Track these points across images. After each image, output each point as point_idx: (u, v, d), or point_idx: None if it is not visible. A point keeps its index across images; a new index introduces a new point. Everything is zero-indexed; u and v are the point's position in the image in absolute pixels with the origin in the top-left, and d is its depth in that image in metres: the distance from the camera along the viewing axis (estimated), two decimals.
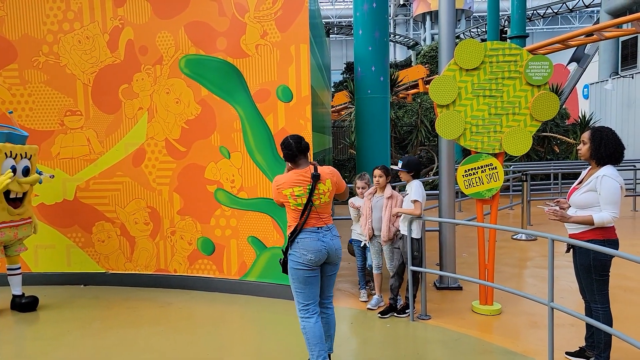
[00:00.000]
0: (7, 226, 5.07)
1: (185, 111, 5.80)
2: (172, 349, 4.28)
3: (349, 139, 15.23)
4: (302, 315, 3.44)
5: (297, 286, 3.42)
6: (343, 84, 22.10)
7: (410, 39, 39.74)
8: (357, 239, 5.46)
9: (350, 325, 4.79)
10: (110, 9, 5.82)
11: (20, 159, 5.19)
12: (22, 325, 4.98)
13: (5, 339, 4.70)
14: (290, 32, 5.30)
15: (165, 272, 6.06)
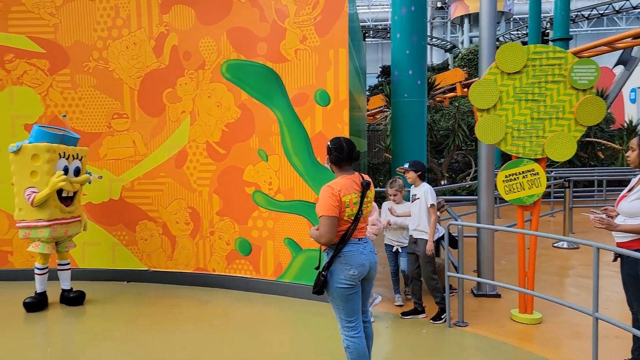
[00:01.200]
0: (58, 223, 5.33)
1: (225, 115, 5.94)
2: (211, 347, 4.38)
3: (384, 143, 15.17)
4: (347, 333, 3.19)
5: (339, 304, 3.15)
6: (378, 87, 22.04)
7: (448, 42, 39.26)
8: (390, 244, 5.46)
9: (385, 329, 4.78)
10: (157, 16, 6.03)
11: (72, 159, 5.45)
12: (69, 319, 5.20)
13: (54, 332, 4.93)
14: (329, 36, 5.36)
15: (204, 271, 6.21)
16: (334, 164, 3.26)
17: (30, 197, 5.09)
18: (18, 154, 5.15)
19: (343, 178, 3.18)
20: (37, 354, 4.29)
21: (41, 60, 6.25)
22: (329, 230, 3.03)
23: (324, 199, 3.06)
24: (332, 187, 3.09)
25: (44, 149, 5.15)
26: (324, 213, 3.03)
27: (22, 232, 5.29)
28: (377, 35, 40.27)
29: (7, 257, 6.49)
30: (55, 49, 6.23)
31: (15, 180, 5.24)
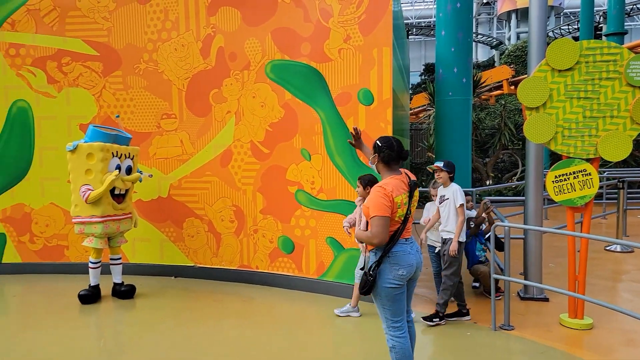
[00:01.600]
0: (111, 219, 5.57)
1: (269, 114, 6.03)
2: (255, 343, 4.47)
3: (427, 142, 14.97)
4: (393, 333, 3.18)
5: (386, 303, 3.15)
6: (421, 85, 21.75)
7: (494, 39, 38.27)
8: (432, 245, 5.36)
9: (428, 331, 4.73)
10: (204, 18, 6.19)
11: (124, 158, 5.69)
12: (120, 311, 5.42)
13: (106, 323, 5.16)
14: (373, 35, 5.34)
15: (248, 268, 6.33)
16: (385, 163, 3.21)
17: (85, 194, 5.34)
18: (74, 153, 5.41)
19: (393, 179, 3.15)
20: (91, 344, 4.50)
21: (95, 63, 6.54)
22: (382, 231, 3.01)
23: (376, 199, 3.04)
24: (384, 188, 3.07)
25: (98, 148, 5.39)
26: (377, 213, 3.01)
27: (77, 228, 5.55)
28: (420, 32, 39.73)
29: (63, 251, 6.83)
30: (109, 52, 6.50)
31: (72, 177, 5.51)
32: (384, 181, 3.16)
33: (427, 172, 14.00)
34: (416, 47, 42.75)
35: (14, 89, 6.64)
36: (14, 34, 6.57)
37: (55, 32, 6.54)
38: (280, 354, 4.23)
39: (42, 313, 5.28)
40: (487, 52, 40.69)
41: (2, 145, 6.70)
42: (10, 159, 6.72)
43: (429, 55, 40.28)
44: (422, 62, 30.46)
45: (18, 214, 6.80)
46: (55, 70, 6.59)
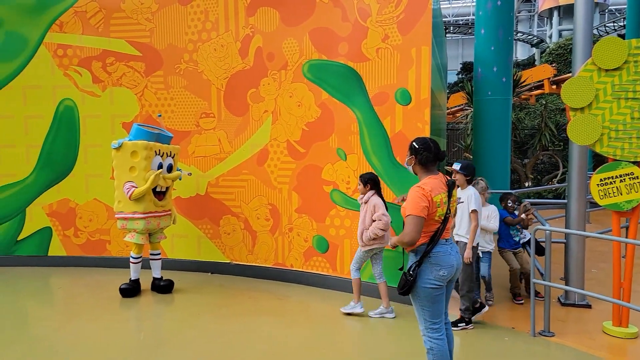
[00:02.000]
0: (152, 216, 5.73)
1: (306, 114, 6.06)
2: (290, 341, 4.50)
3: (464, 142, 14.70)
4: (431, 335, 3.16)
5: (425, 304, 3.12)
6: (459, 84, 21.37)
7: (534, 37, 37.22)
8: None
9: (465, 335, 4.66)
10: (243, 19, 6.27)
11: (165, 157, 5.84)
12: (159, 305, 5.56)
13: (146, 317, 5.30)
14: (412, 34, 5.29)
15: (283, 267, 6.38)
16: (422, 164, 3.20)
17: (129, 190, 5.50)
18: (119, 150, 5.58)
19: (431, 178, 3.13)
20: (132, 336, 4.64)
21: (138, 63, 6.72)
22: (414, 230, 2.99)
23: (414, 199, 3.03)
24: (423, 188, 3.05)
25: (142, 147, 5.55)
26: (412, 213, 3.00)
27: (119, 223, 5.73)
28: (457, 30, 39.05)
29: (106, 246, 7.06)
30: (151, 52, 6.67)
31: (116, 174, 5.68)
32: (423, 181, 3.14)
33: None
34: (453, 45, 42.05)
35: (61, 88, 6.91)
36: (62, 35, 6.83)
37: (100, 33, 6.76)
38: (314, 352, 4.25)
39: (86, 305, 5.47)
40: (527, 51, 39.62)
41: (49, 142, 6.98)
42: (57, 156, 7.00)
43: (466, 54, 39.54)
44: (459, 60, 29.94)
45: (63, 209, 7.07)
46: (100, 70, 6.82)
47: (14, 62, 6.89)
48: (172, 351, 4.27)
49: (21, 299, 5.81)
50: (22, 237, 7.12)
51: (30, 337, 4.60)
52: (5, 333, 4.64)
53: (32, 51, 6.86)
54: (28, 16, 6.80)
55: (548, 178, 14.03)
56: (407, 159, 3.29)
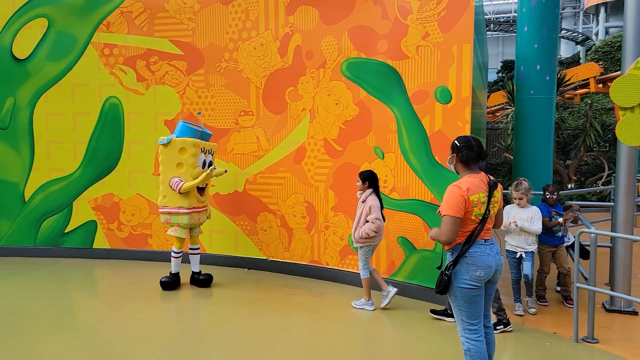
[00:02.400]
0: (195, 211, 5.88)
1: (344, 112, 6.06)
2: (325, 338, 4.52)
3: (504, 142, 14.36)
4: (468, 336, 3.12)
5: (462, 305, 3.09)
6: (499, 83, 20.89)
7: (579, 34, 35.96)
8: (513, 250, 5.18)
9: (504, 338, 4.56)
10: (283, 17, 6.33)
11: (207, 154, 5.98)
12: (198, 299, 5.68)
13: (185, 310, 5.42)
14: (453, 32, 5.21)
15: (318, 264, 6.41)
16: (463, 162, 3.18)
17: (178, 185, 5.64)
18: (167, 147, 5.72)
19: (470, 177, 3.12)
20: (171, 328, 4.76)
21: (180, 62, 6.88)
22: (450, 229, 2.99)
23: (450, 198, 3.02)
24: (459, 187, 3.03)
25: (191, 144, 5.70)
26: (447, 212, 3.00)
27: (163, 217, 5.88)
28: (498, 28, 38.15)
29: (147, 240, 7.27)
30: (192, 51, 6.82)
31: (162, 169, 5.83)
32: (460, 180, 3.13)
33: (503, 174, 13.47)
34: (493, 43, 41.12)
35: (107, 86, 7.15)
36: (109, 34, 7.07)
37: (144, 33, 6.96)
38: (348, 349, 4.26)
39: (128, 297, 5.65)
40: (571, 48, 38.32)
41: (95, 138, 7.24)
42: (102, 152, 7.25)
43: (507, 52, 38.59)
44: (500, 59, 29.24)
45: (108, 203, 7.32)
46: (144, 68, 7.02)
47: (63, 61, 7.17)
48: (211, 344, 4.36)
49: (68, 289, 6.06)
50: (69, 229, 7.42)
51: (78, 325, 4.79)
52: (55, 321, 4.85)
53: (80, 50, 7.13)
54: (77, 17, 7.07)
55: (592, 180, 13.55)
56: (449, 157, 3.27)
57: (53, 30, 7.15)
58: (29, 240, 7.47)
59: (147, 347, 4.25)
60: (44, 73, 7.21)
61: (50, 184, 7.39)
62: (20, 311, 5.11)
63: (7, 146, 7.38)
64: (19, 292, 5.79)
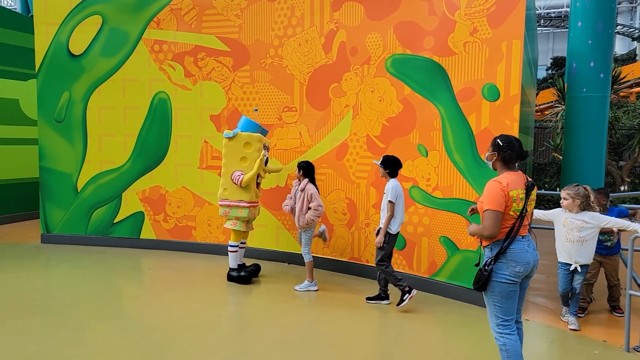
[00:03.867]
0: (253, 206, 6.03)
1: (387, 109, 6.01)
2: (363, 335, 4.52)
3: (553, 142, 13.87)
4: (502, 331, 3.17)
5: (498, 300, 3.14)
6: (548, 80, 20.18)
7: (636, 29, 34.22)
8: (566, 262, 4.83)
9: (549, 344, 4.42)
10: (328, 14, 6.33)
11: (266, 150, 6.10)
12: (239, 292, 5.76)
13: (226, 301, 5.52)
14: (503, 27, 5.07)
15: (358, 261, 6.40)
16: (504, 162, 3.24)
17: (239, 178, 5.76)
18: (232, 140, 5.83)
19: (509, 174, 3.17)
20: (213, 320, 4.86)
21: (226, 58, 7.01)
22: (494, 224, 3.05)
23: (491, 192, 3.08)
24: (499, 182, 3.10)
25: (256, 139, 5.81)
26: (490, 207, 3.05)
27: (222, 210, 5.99)
28: (549, 24, 36.82)
29: (191, 232, 7.46)
30: (239, 48, 6.93)
31: (225, 162, 5.94)
32: (500, 176, 3.18)
33: (551, 173, 13.02)
34: (543, 39, 39.72)
35: (157, 82, 7.36)
36: (159, 31, 7.27)
37: (193, 30, 7.12)
38: (389, 347, 4.23)
39: (171, 286, 5.82)
40: (626, 45, 36.53)
41: (144, 132, 7.48)
42: (151, 145, 7.48)
43: (557, 48, 37.19)
44: (550, 55, 28.25)
45: (155, 195, 7.55)
46: (191, 64, 7.19)
47: (116, 57, 7.44)
48: (250, 336, 4.43)
49: (116, 277, 6.29)
50: (118, 219, 7.71)
51: (124, 313, 4.98)
52: (102, 308, 5.06)
53: (132, 47, 7.38)
54: (129, 14, 7.31)
55: None
56: (488, 154, 3.32)
57: (107, 27, 7.43)
58: (81, 229, 7.81)
59: (189, 337, 4.37)
60: (98, 68, 7.51)
61: (101, 176, 7.69)
62: (71, 297, 5.35)
63: (62, 139, 7.73)
64: (70, 279, 6.08)
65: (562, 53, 23.63)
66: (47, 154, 7.81)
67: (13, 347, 4.04)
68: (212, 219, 7.29)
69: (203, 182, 7.29)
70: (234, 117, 6.95)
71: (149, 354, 3.99)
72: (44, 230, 7.95)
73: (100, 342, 4.20)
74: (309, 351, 4.11)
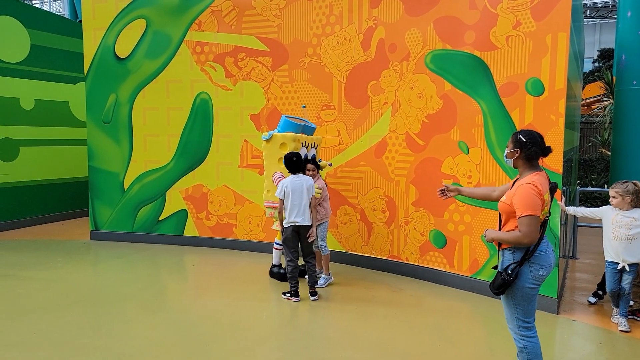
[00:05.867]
0: None
1: (427, 106, 5.94)
2: (404, 333, 4.49)
3: (601, 137, 13.36)
4: (524, 334, 3.10)
5: (520, 303, 3.07)
6: (594, 73, 19.41)
7: None
8: (614, 261, 4.70)
9: (598, 346, 4.28)
10: (366, 11, 6.32)
11: (310, 148, 6.04)
12: (280, 289, 5.81)
13: (266, 298, 5.59)
14: (548, 20, 4.92)
15: (397, 259, 6.36)
16: (528, 160, 3.08)
17: (279, 179, 5.78)
18: (269, 142, 5.86)
19: (538, 175, 3.03)
20: (254, 316, 4.95)
21: (266, 58, 7.10)
22: (534, 230, 2.92)
23: (529, 197, 2.92)
24: (536, 186, 2.94)
25: (290, 139, 5.79)
26: (529, 212, 2.90)
27: (268, 211, 6.03)
28: (595, 14, 35.41)
29: (232, 229, 7.61)
30: (278, 47, 7.01)
31: (266, 165, 5.98)
32: (533, 177, 2.99)
33: (598, 170, 12.54)
34: (590, 31, 38.22)
35: (198, 83, 7.54)
36: (200, 33, 7.44)
37: (233, 30, 7.25)
38: (429, 346, 4.20)
39: (215, 282, 5.95)
40: None
41: (187, 132, 7.68)
42: (193, 145, 7.67)
43: (603, 40, 35.68)
44: (596, 47, 27.16)
45: (197, 193, 7.74)
46: (232, 65, 7.32)
47: (159, 59, 7.66)
48: (290, 333, 4.49)
49: (161, 273, 6.50)
50: (163, 217, 7.95)
51: (169, 308, 5.13)
52: (148, 303, 5.24)
53: (174, 49, 7.58)
54: (172, 17, 7.52)
55: None
56: (508, 151, 3.15)
57: (150, 30, 7.66)
58: (127, 226, 8.10)
59: (231, 332, 4.47)
60: (142, 70, 7.75)
61: (147, 175, 7.94)
62: (119, 292, 5.56)
63: (110, 139, 8.03)
64: (119, 274, 6.32)
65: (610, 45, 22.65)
66: (95, 154, 8.13)
67: (67, 339, 4.24)
68: (253, 216, 7.41)
69: (243, 180, 7.42)
70: (274, 117, 7.03)
71: (194, 347, 4.11)
72: (93, 227, 8.29)
73: (148, 335, 4.36)
74: (349, 349, 4.13)
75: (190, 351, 4.04)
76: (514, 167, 3.16)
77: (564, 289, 5.86)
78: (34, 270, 6.35)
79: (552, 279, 4.96)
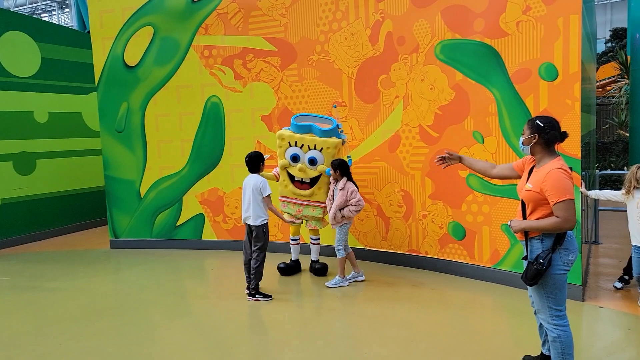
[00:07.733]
0: (289, 201, 6.13)
1: (439, 97, 5.88)
2: (426, 327, 4.46)
3: (618, 118, 13.13)
4: (557, 323, 3.07)
5: (551, 291, 3.05)
6: (608, 54, 19.06)
7: None
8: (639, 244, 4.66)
9: (627, 332, 4.20)
10: (373, 5, 6.27)
11: (307, 149, 5.90)
12: (300, 288, 5.84)
13: (288, 298, 5.60)
14: (559, 3, 4.84)
15: (417, 253, 6.32)
16: (547, 145, 3.06)
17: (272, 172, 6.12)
18: None
19: (560, 160, 3.03)
20: (276, 316, 4.96)
21: (274, 58, 7.08)
22: (574, 214, 2.91)
23: (562, 181, 2.91)
24: (566, 170, 2.96)
25: (278, 137, 5.94)
26: (566, 197, 2.89)
27: (280, 205, 6.29)
28: None
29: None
30: (285, 47, 6.99)
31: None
32: (560, 162, 3.00)
33: (617, 152, 12.32)
34: (600, 10, 37.52)
35: (208, 86, 7.56)
36: (208, 36, 7.45)
37: (240, 32, 7.25)
38: (454, 340, 4.16)
39: (235, 285, 5.96)
40: None
41: (199, 136, 7.71)
42: (206, 149, 7.70)
43: (615, 19, 35.00)
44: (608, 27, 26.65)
45: (213, 197, 7.77)
46: (240, 67, 7.32)
47: (168, 65, 7.69)
48: (313, 332, 4.48)
49: (182, 278, 6.54)
50: (180, 222, 8.00)
51: (192, 312, 5.16)
52: (172, 308, 5.27)
53: (183, 54, 7.60)
54: (179, 22, 7.54)
55: None
56: (524, 137, 3.13)
57: (158, 37, 7.69)
58: (146, 233, 8.17)
59: (254, 334, 4.48)
60: (152, 77, 7.79)
61: (162, 181, 8.00)
62: (143, 299, 5.61)
63: (124, 147, 8.10)
64: (140, 281, 6.37)
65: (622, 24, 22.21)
66: (110, 163, 8.20)
67: (92, 348, 4.28)
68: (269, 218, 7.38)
69: None
70: (285, 116, 7.02)
71: (218, 351, 4.12)
72: (112, 235, 8.37)
73: (172, 341, 4.38)
74: (373, 346, 4.11)
75: (214, 355, 4.05)
76: (532, 154, 3.15)
77: (588, 275, 5.77)
78: (58, 281, 6.43)
79: (576, 266, 4.88)
